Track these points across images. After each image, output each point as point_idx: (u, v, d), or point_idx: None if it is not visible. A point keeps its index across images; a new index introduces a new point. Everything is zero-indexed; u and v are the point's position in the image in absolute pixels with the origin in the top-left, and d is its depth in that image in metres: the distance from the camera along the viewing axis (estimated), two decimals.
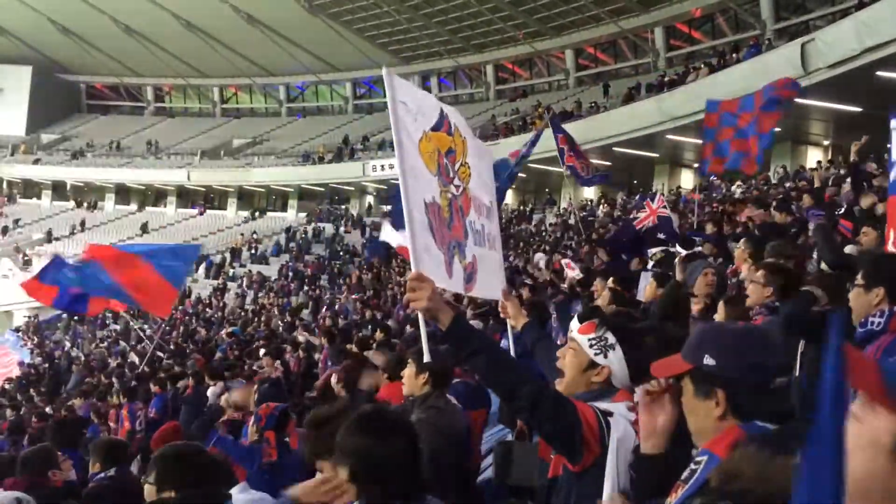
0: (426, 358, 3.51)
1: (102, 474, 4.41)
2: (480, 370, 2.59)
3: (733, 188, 20.56)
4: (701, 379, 1.84)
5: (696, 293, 5.01)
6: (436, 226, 3.35)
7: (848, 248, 5.53)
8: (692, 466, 1.75)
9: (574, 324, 4.02)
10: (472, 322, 6.11)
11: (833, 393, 0.99)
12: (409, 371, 3.90)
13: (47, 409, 13.70)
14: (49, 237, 43.08)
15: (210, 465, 3.02)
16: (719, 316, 4.37)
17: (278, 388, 8.97)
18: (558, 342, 3.79)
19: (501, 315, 3.85)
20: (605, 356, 2.50)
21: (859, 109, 20.64)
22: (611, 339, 2.51)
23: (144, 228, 42.41)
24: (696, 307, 4.89)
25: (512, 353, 4.24)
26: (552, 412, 2.37)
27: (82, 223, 44.10)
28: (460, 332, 2.56)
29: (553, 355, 3.37)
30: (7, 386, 18.42)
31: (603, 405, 2.36)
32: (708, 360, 1.83)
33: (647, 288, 5.77)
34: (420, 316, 2.98)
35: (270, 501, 2.84)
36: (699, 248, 8.04)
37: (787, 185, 18.66)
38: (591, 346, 2.52)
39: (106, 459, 4.47)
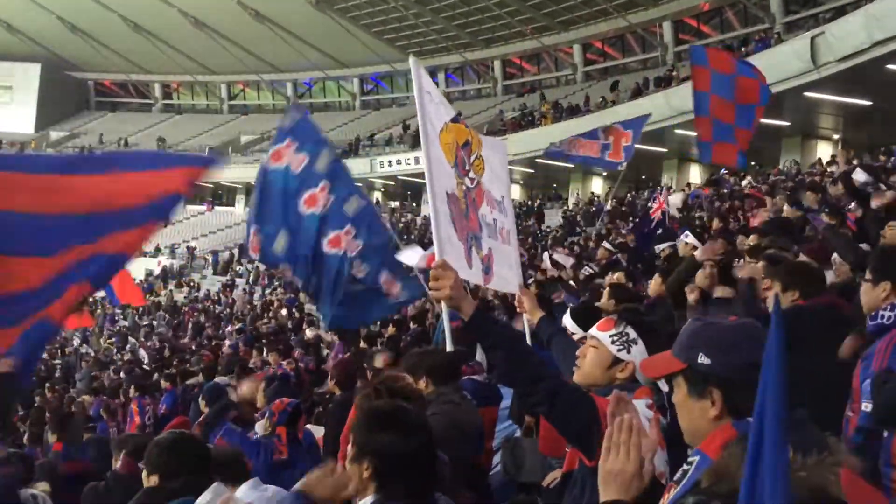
0: (448, 346, 3.47)
1: None
2: (500, 362, 2.57)
3: (744, 183, 20.45)
4: (695, 378, 1.80)
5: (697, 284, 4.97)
6: (455, 216, 3.35)
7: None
8: (684, 467, 1.72)
9: (567, 319, 4.00)
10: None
11: (773, 393, 0.97)
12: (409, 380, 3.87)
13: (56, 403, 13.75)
14: None
15: (196, 455, 3.04)
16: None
17: (287, 384, 8.98)
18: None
19: (518, 309, 3.83)
20: (629, 352, 2.47)
21: (869, 103, 20.52)
22: (632, 334, 2.48)
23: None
24: (691, 296, 4.84)
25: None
26: (570, 407, 2.35)
27: None
28: (482, 324, 2.53)
29: (568, 349, 3.36)
30: None
31: None
32: (702, 359, 1.79)
33: (652, 284, 5.73)
34: (443, 305, 2.96)
35: (282, 496, 2.84)
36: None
37: (798, 177, 18.55)
38: (613, 342, 2.49)
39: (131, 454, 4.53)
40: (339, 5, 39.24)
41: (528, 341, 4.27)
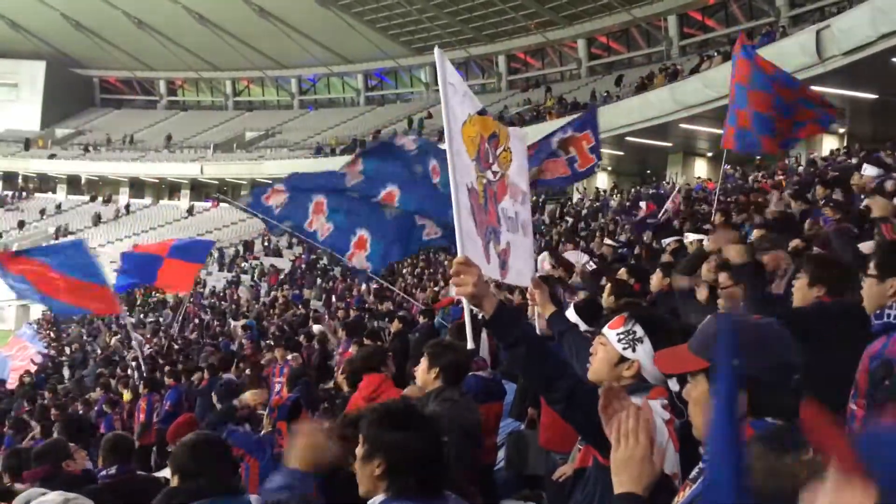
0: (469, 344, 3.47)
1: (104, 472, 4.42)
2: (520, 359, 2.53)
3: (752, 178, 20.37)
4: None
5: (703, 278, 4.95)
6: (475, 210, 3.34)
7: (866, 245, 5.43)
8: (700, 465, 1.71)
9: (570, 313, 4.01)
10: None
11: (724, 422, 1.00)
12: (422, 365, 3.89)
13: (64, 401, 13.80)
14: (57, 233, 43.42)
15: (217, 456, 3.03)
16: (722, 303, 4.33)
17: (309, 385, 8.99)
18: None
19: (530, 303, 3.82)
20: (634, 350, 2.44)
21: (875, 96, 20.44)
22: (639, 332, 2.45)
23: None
24: (702, 294, 4.80)
25: None
26: (587, 405, 2.32)
27: (98, 217, 44.62)
28: (504, 321, 2.51)
29: (580, 345, 3.36)
30: (26, 379, 18.55)
31: (636, 401, 2.34)
32: None
33: (654, 279, 5.68)
34: (464, 301, 2.95)
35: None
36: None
37: (801, 171, 18.49)
38: (619, 340, 2.47)
39: (109, 456, 4.48)
40: (342, 1, 39.21)
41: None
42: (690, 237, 7.05)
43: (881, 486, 0.90)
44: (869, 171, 8.70)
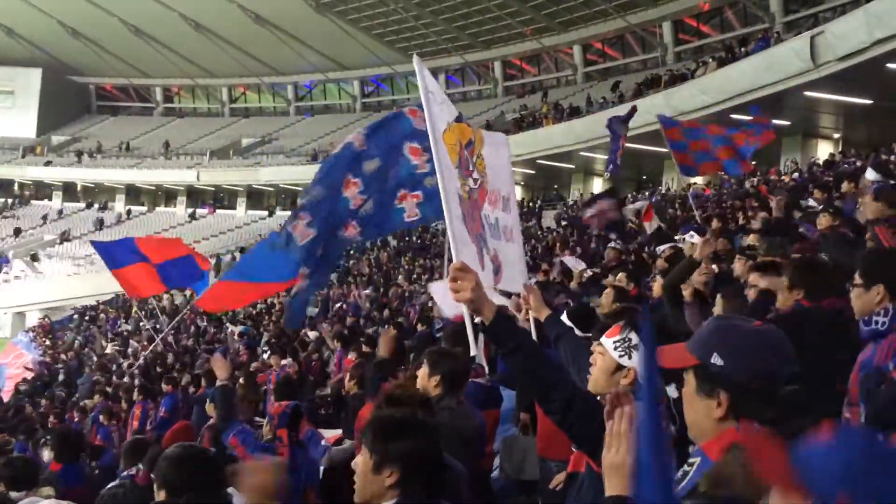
0: (472, 351, 3.46)
1: (125, 473, 4.44)
2: (518, 367, 2.53)
3: (749, 183, 20.40)
4: (705, 377, 1.79)
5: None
6: (466, 218, 3.34)
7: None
8: (685, 468, 1.72)
9: (564, 319, 4.02)
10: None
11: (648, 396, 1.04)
12: (422, 371, 3.87)
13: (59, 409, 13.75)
14: (62, 238, 43.45)
15: (204, 470, 2.91)
16: (717, 310, 4.34)
17: (291, 385, 8.96)
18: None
19: (523, 307, 3.82)
20: (630, 357, 2.45)
21: (870, 102, 20.51)
22: (634, 339, 2.45)
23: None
24: (686, 291, 4.82)
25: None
26: (584, 415, 2.35)
27: (100, 222, 44.76)
28: (502, 327, 2.50)
29: (576, 350, 3.36)
30: (23, 388, 18.45)
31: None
32: (716, 360, 1.78)
33: (654, 286, 5.69)
34: (464, 308, 2.94)
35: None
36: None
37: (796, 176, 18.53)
38: (615, 348, 2.47)
39: (130, 458, 4.48)
40: (338, 8, 39.27)
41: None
42: (696, 238, 7.03)
43: (817, 497, 0.96)
44: (869, 175, 8.70)
